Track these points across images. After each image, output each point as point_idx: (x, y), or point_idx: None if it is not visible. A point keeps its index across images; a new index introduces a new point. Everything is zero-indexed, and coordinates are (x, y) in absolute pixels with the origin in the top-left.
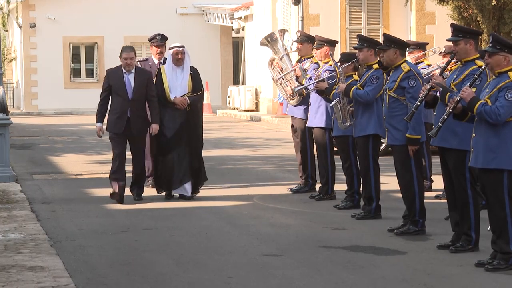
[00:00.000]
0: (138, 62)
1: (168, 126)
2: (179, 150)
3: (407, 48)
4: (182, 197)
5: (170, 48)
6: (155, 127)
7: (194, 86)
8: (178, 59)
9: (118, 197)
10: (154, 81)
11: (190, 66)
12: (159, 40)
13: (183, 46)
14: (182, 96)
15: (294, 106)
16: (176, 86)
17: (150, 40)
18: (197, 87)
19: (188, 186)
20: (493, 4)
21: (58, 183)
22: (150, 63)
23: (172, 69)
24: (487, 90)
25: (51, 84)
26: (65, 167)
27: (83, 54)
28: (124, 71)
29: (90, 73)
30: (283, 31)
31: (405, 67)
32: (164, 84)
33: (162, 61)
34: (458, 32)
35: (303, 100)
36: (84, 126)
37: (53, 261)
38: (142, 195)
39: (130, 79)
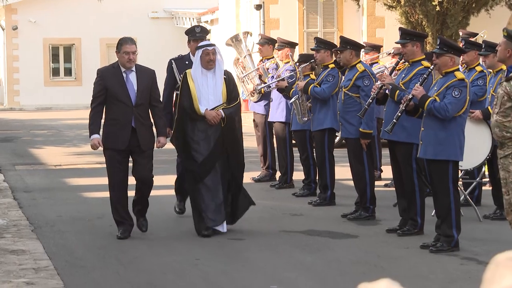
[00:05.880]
0: (172, 61)
1: (198, 145)
2: (215, 174)
3: (364, 49)
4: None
5: (197, 48)
6: (162, 141)
7: (230, 94)
8: (209, 60)
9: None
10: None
11: (224, 70)
12: (199, 34)
13: (214, 45)
14: (215, 109)
15: (255, 102)
16: (208, 94)
17: (187, 33)
18: (233, 95)
19: (224, 221)
20: (437, 10)
21: (39, 173)
22: (186, 62)
23: (201, 74)
24: (435, 88)
25: (32, 82)
26: (45, 159)
27: (62, 55)
28: (123, 69)
29: (68, 72)
30: (247, 33)
31: (360, 67)
32: (192, 93)
33: None
34: (406, 35)
35: (264, 96)
36: (63, 120)
37: (33, 245)
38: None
39: (132, 79)
